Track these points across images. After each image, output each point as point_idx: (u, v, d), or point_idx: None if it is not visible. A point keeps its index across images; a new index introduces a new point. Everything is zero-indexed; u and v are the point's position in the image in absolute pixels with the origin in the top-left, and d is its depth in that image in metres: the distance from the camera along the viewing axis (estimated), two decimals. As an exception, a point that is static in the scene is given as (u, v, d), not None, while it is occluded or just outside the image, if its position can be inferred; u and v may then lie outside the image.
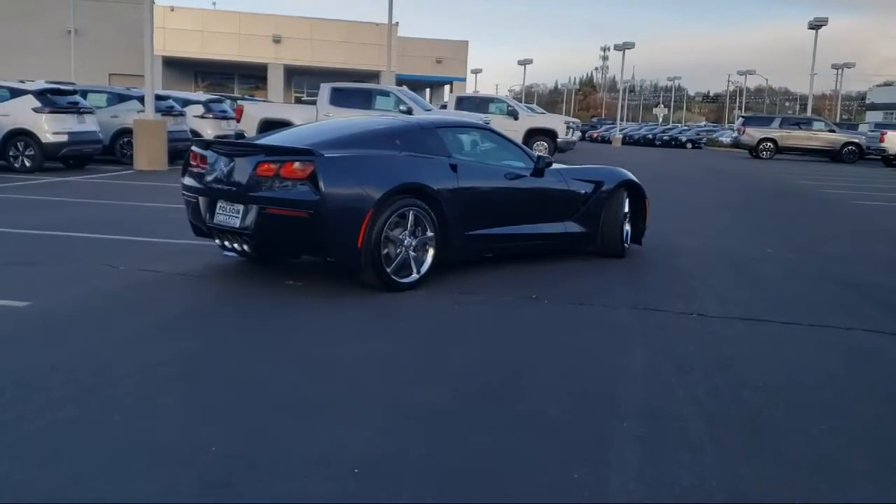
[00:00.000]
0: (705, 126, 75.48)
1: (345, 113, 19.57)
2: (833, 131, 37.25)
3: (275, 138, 6.86)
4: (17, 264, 6.95)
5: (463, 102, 26.68)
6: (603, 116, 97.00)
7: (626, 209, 7.94)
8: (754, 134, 36.79)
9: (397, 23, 40.71)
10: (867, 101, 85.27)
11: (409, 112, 19.43)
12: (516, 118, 25.71)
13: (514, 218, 7.13)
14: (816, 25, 44.67)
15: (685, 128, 70.01)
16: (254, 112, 20.53)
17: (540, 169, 7.23)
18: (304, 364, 4.53)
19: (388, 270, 6.02)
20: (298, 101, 48.25)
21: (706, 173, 25.00)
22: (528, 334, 5.33)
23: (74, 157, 16.43)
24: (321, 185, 5.61)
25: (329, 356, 4.69)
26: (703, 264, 8.07)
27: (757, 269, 7.98)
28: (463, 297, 6.13)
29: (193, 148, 6.67)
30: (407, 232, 6.13)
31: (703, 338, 5.32)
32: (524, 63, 71.20)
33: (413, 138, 6.53)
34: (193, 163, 6.60)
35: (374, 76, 45.95)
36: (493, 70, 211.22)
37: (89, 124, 16.36)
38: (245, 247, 6.12)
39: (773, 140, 36.33)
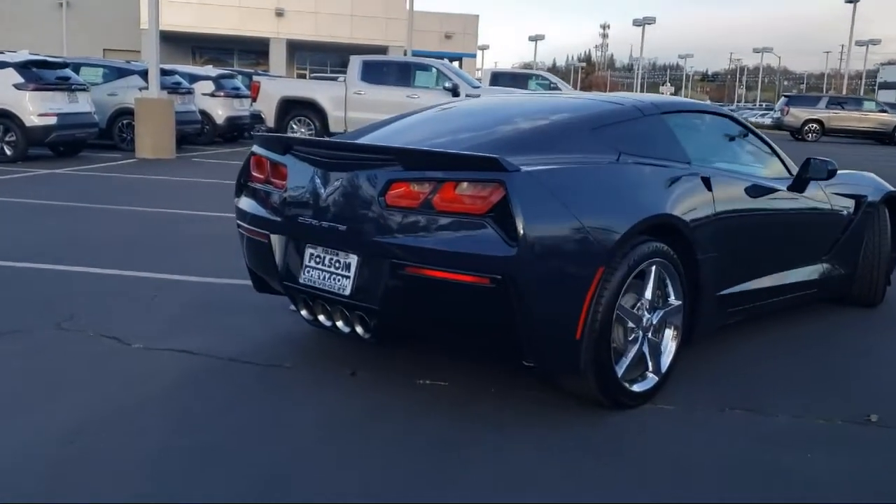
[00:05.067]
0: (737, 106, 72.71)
1: (378, 91, 16.88)
2: (884, 111, 34.63)
3: (400, 128, 4.20)
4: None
5: (499, 78, 23.86)
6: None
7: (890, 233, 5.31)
8: (799, 115, 34.19)
9: (411, -6, 38.07)
10: (879, 80, 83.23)
11: (455, 90, 16.68)
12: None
13: (772, 260, 4.51)
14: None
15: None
16: (272, 89, 17.74)
17: (803, 180, 4.57)
18: None
19: (619, 374, 3.37)
20: (312, 76, 45.52)
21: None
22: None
23: (65, 143, 13.76)
24: (520, 225, 2.96)
25: None
26: None
27: None
28: (752, 419, 3.52)
29: (256, 150, 4.00)
30: (645, 302, 3.49)
31: None
32: (535, 39, 68.73)
33: (633, 132, 3.89)
34: (258, 175, 3.94)
35: (381, 51, 43.47)
36: (496, 47, 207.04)
37: (83, 104, 13.68)
38: (360, 328, 3.48)
39: (819, 121, 33.79)
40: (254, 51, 50.60)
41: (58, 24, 42.34)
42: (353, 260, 3.45)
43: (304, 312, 3.78)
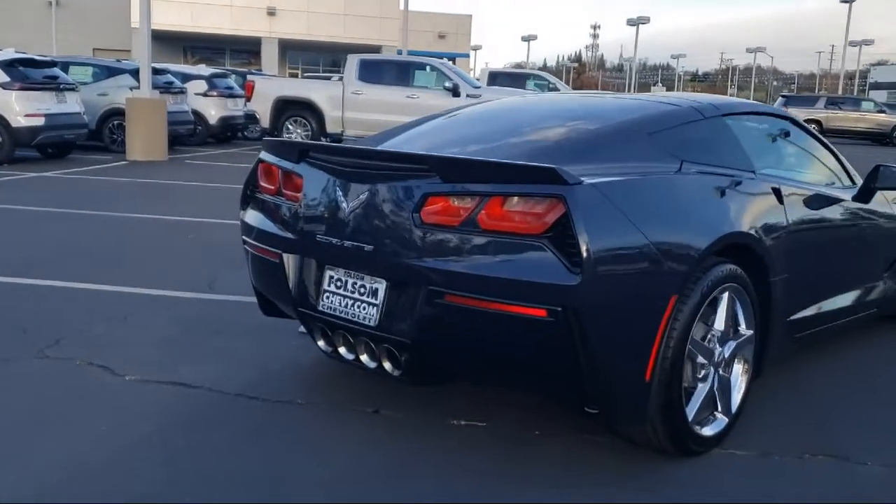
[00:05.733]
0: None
1: (377, 91, 16.38)
2: (882, 112, 34.34)
3: (427, 133, 3.74)
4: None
5: (497, 78, 23.38)
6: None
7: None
8: (797, 115, 33.76)
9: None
10: (870, 80, 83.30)
11: (455, 91, 16.21)
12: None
13: (838, 279, 4.07)
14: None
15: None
16: (266, 89, 17.21)
17: (870, 190, 4.12)
18: None
19: (689, 417, 2.91)
20: (304, 75, 45.07)
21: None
22: None
23: (53, 144, 13.24)
24: (584, 248, 2.49)
25: None
26: None
27: None
28: (840, 468, 3.12)
29: (265, 157, 3.52)
30: (717, 333, 3.04)
31: None
32: (528, 39, 68.48)
33: (694, 137, 3.44)
34: (267, 185, 3.48)
35: (374, 51, 43.16)
36: (487, 47, 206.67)
37: (72, 104, 13.15)
38: (388, 364, 3.02)
39: (817, 122, 33.41)
40: (246, 50, 50.16)
41: (47, 23, 41.75)
42: (381, 285, 2.98)
43: (321, 343, 3.31)
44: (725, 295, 3.04)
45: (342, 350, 3.22)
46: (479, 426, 3.32)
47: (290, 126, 17.03)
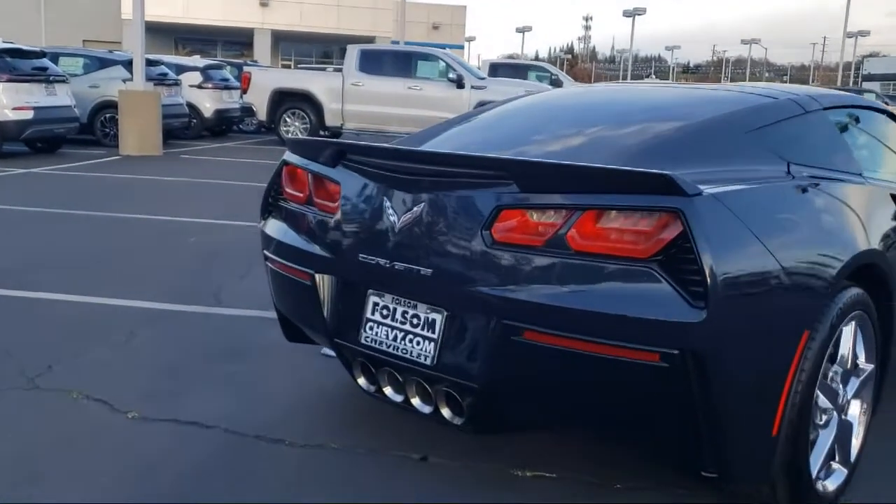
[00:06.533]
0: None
1: (378, 82, 15.84)
2: (886, 104, 33.91)
3: (480, 130, 3.22)
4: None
5: (498, 70, 22.86)
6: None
7: None
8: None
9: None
10: (864, 72, 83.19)
11: (460, 82, 15.68)
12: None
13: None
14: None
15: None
16: (264, 80, 16.65)
17: None
18: None
19: (813, 472, 2.41)
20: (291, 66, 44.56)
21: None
22: None
23: (43, 139, 12.67)
24: (709, 275, 1.98)
25: None
26: None
27: None
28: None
29: (291, 158, 3.01)
30: (839, 371, 2.53)
31: None
32: (523, 30, 68.08)
33: (797, 134, 2.95)
34: (294, 192, 2.96)
35: (367, 42, 42.78)
36: (481, 38, 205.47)
37: (62, 96, 12.60)
38: (447, 410, 2.51)
39: (820, 113, 32.97)
40: (238, 41, 49.54)
41: (36, 14, 41.07)
42: (440, 316, 2.47)
43: (361, 381, 2.80)
44: (852, 325, 2.54)
45: (388, 390, 2.71)
46: (549, 478, 2.82)
47: (287, 119, 16.52)
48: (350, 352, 2.75)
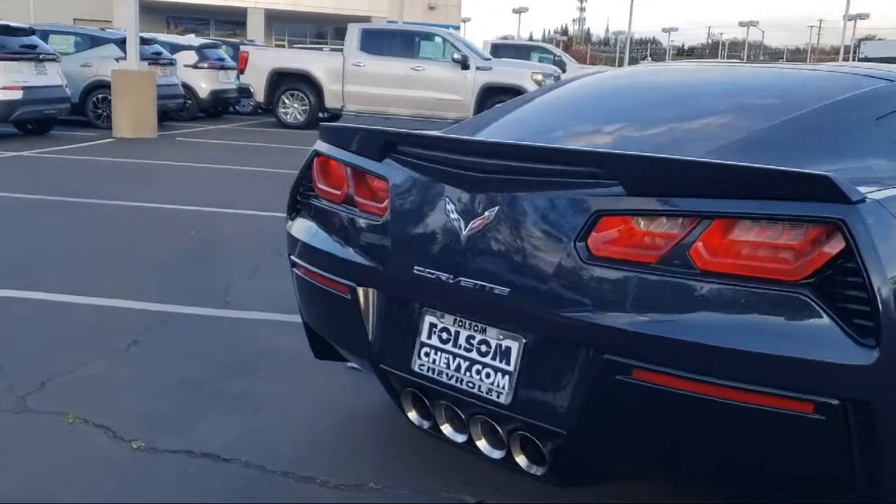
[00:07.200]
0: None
1: (379, 62, 15.34)
2: None
3: (548, 115, 2.77)
4: None
5: (500, 50, 22.31)
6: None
7: None
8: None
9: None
10: (860, 55, 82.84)
11: (464, 62, 15.18)
12: (564, 71, 21.10)
13: None
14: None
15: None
16: (261, 60, 16.12)
17: None
18: None
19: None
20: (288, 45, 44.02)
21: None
22: None
23: (33, 120, 12.14)
24: (881, 304, 1.52)
25: None
26: None
27: None
28: None
29: (323, 148, 2.54)
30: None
31: None
32: (519, 11, 67.54)
33: None
34: (329, 189, 2.51)
35: (363, 22, 42.21)
36: (476, 19, 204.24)
37: (52, 76, 12.06)
38: (524, 458, 2.07)
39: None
40: (231, 21, 48.79)
41: (24, -9, 40.21)
42: (516, 345, 2.03)
43: (412, 415, 2.36)
44: None
45: (447, 429, 2.27)
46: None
47: (286, 100, 16.05)
48: (399, 381, 2.31)
